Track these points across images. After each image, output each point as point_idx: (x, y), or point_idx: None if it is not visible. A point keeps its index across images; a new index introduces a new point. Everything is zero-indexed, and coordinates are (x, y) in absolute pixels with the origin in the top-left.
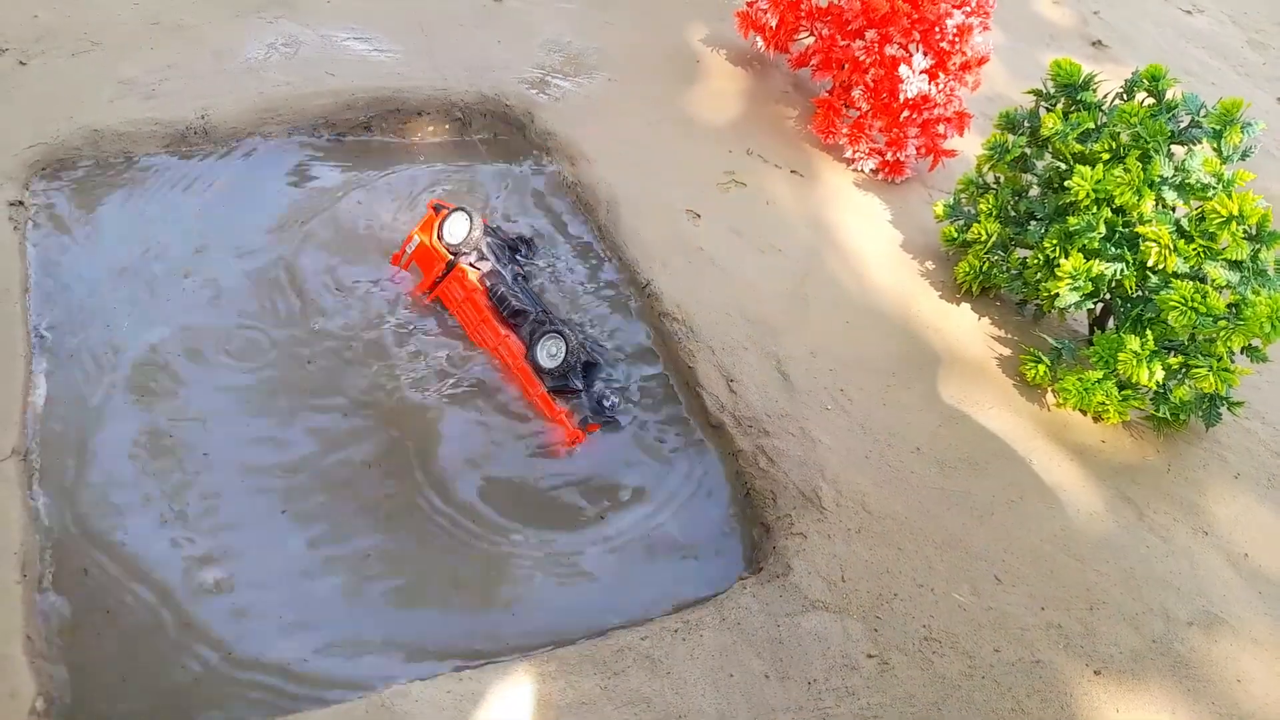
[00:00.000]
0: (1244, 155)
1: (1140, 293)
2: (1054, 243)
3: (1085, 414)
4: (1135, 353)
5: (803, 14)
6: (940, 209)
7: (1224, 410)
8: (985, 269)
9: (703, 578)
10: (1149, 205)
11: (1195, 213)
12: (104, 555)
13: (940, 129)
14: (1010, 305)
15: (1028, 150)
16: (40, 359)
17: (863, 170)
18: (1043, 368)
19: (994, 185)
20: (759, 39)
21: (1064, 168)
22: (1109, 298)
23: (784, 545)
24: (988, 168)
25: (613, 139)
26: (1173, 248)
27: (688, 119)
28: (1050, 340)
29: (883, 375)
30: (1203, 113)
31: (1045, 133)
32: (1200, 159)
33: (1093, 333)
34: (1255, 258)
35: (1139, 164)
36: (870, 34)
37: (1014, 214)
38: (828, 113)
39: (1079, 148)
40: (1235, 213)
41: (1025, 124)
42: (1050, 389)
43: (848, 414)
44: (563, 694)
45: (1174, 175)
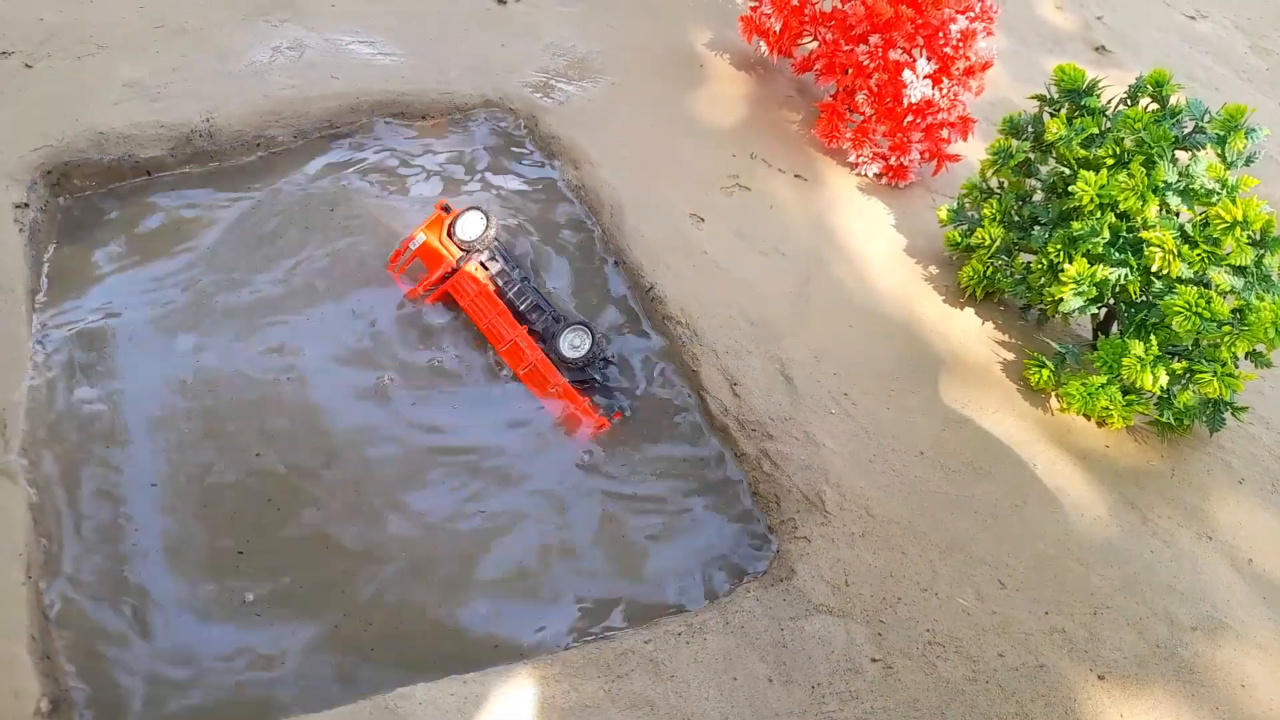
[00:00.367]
0: (1248, 161)
1: (1144, 298)
2: (1058, 247)
3: (1089, 419)
4: (1139, 358)
5: (806, 19)
6: (944, 213)
7: (1228, 415)
8: (989, 273)
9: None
10: (1153, 210)
11: (1199, 218)
12: (108, 557)
13: (944, 134)
14: (1014, 310)
15: (1031, 155)
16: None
17: (866, 174)
18: (1046, 372)
19: (998, 190)
20: (763, 43)
21: (1068, 173)
22: (1113, 303)
23: (788, 549)
24: (991, 172)
25: (616, 142)
26: (1177, 253)
27: (691, 123)
28: (1054, 345)
29: (886, 379)
30: (1207, 118)
31: (1049, 138)
32: (1204, 164)
33: (1096, 338)
34: (1259, 263)
35: (1143, 169)
36: (874, 39)
37: (1018, 219)
38: (831, 117)
39: (1083, 153)
40: (1239, 218)
41: (1029, 129)
42: (1054, 394)
43: (851, 418)
44: (566, 697)
45: (1178, 181)
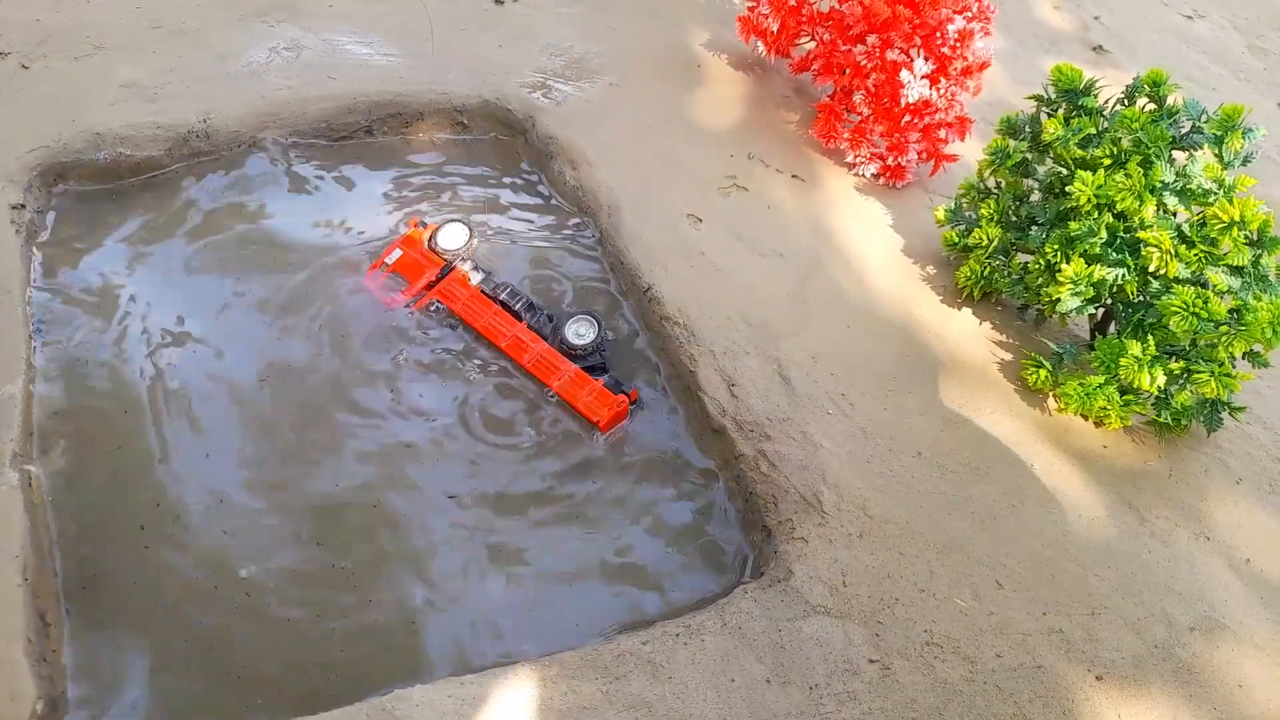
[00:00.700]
0: (1245, 161)
1: (1142, 298)
2: (1055, 248)
3: (1087, 419)
4: (1137, 358)
5: (804, 19)
6: (941, 214)
7: (1225, 415)
8: (986, 274)
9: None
10: (1150, 210)
11: (1197, 218)
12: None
13: (941, 134)
14: (1011, 310)
15: (1029, 155)
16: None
17: (864, 175)
18: (1044, 373)
19: (995, 190)
20: (760, 44)
21: (1065, 173)
22: (1110, 303)
23: (785, 550)
24: (989, 172)
25: (614, 143)
26: (1174, 253)
27: (689, 123)
28: (1051, 345)
29: (884, 379)
30: (1204, 118)
31: (1046, 138)
32: (1201, 164)
33: (1094, 338)
34: (1256, 263)
35: (1140, 169)
36: (871, 39)
37: (1015, 219)
38: (829, 117)
39: (1080, 153)
40: (1236, 218)
41: (1026, 129)
42: (1051, 394)
43: (849, 418)
44: (564, 698)
45: (1175, 181)
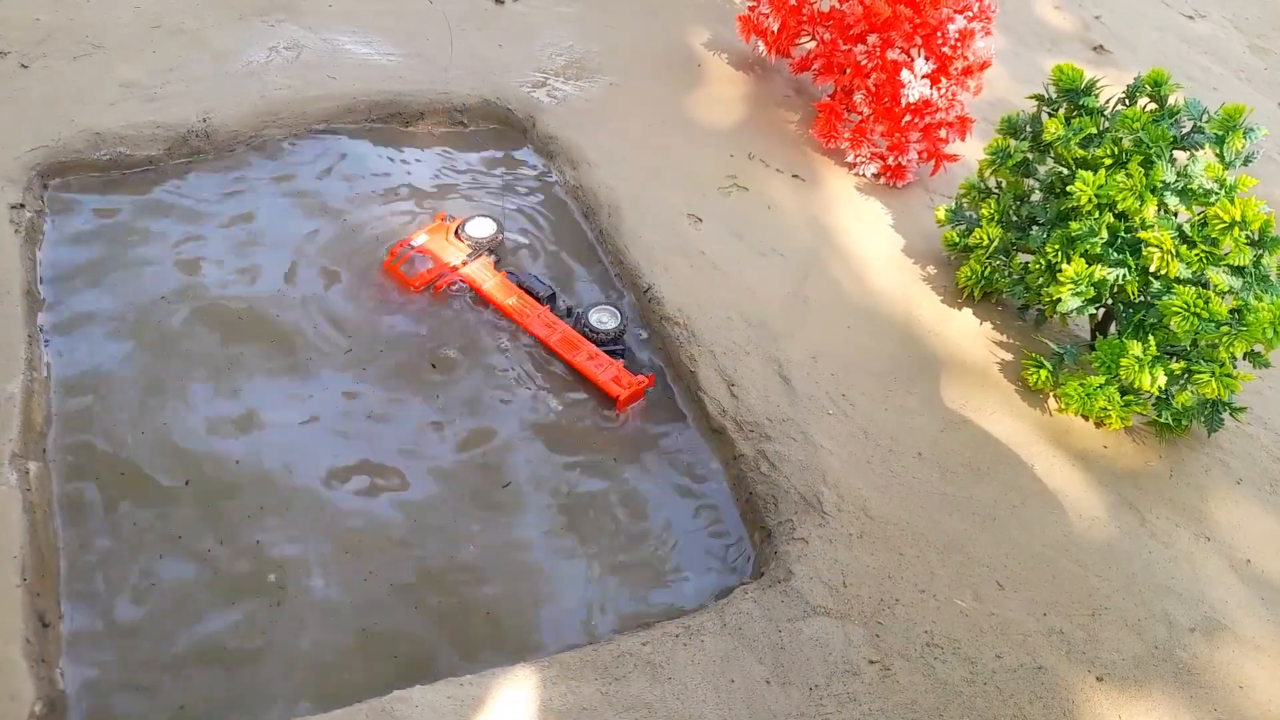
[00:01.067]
0: (1246, 161)
1: (1142, 298)
2: (1056, 248)
3: (1087, 419)
4: (1137, 358)
5: (804, 18)
6: (942, 213)
7: (1226, 416)
8: (987, 274)
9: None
10: (1151, 211)
11: (1198, 218)
12: (106, 557)
13: (942, 133)
14: (1012, 310)
15: (1030, 155)
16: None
17: (864, 174)
18: (1044, 373)
19: (996, 190)
20: (760, 43)
21: (1066, 173)
22: (1111, 303)
23: (785, 550)
24: (989, 172)
25: (614, 142)
26: (1175, 253)
27: (689, 123)
28: (1052, 345)
29: (884, 380)
30: (1205, 118)
31: (1047, 138)
32: (1202, 164)
33: (1095, 338)
34: (1258, 263)
35: (1141, 169)
36: (872, 38)
37: (1016, 219)
38: (829, 117)
39: (1081, 153)
40: (1238, 218)
41: (1027, 129)
42: (1052, 394)
43: (849, 418)
44: (564, 699)
45: (1176, 181)
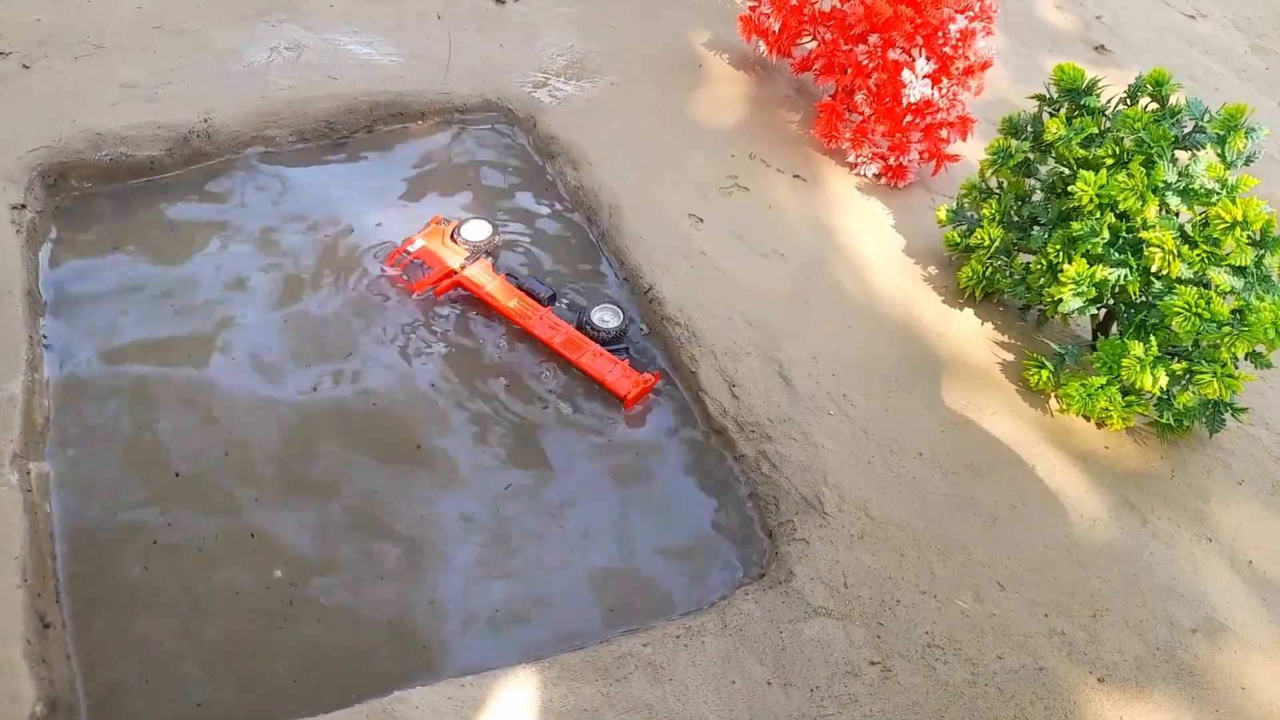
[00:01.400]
0: (1248, 161)
1: (1144, 298)
2: (1057, 248)
3: (1089, 420)
4: (1139, 358)
5: (805, 18)
6: (943, 214)
7: (1228, 416)
8: (988, 274)
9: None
10: (1153, 211)
11: (1199, 218)
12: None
13: (943, 133)
14: (1013, 310)
15: (1031, 155)
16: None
17: (865, 175)
18: (1046, 373)
19: (997, 190)
20: (761, 43)
21: (1067, 173)
22: (1112, 303)
23: (786, 551)
24: (991, 172)
25: (615, 143)
26: (1176, 253)
27: (690, 123)
28: (1053, 346)
29: (885, 380)
30: (1206, 118)
31: (1048, 138)
32: (1204, 164)
33: (1096, 338)
34: (1259, 263)
35: (1142, 169)
36: (873, 38)
37: (1017, 219)
38: (830, 117)
39: (1082, 153)
40: (1239, 218)
41: (1028, 129)
42: (1053, 395)
43: (850, 419)
44: (564, 700)
45: (1178, 181)
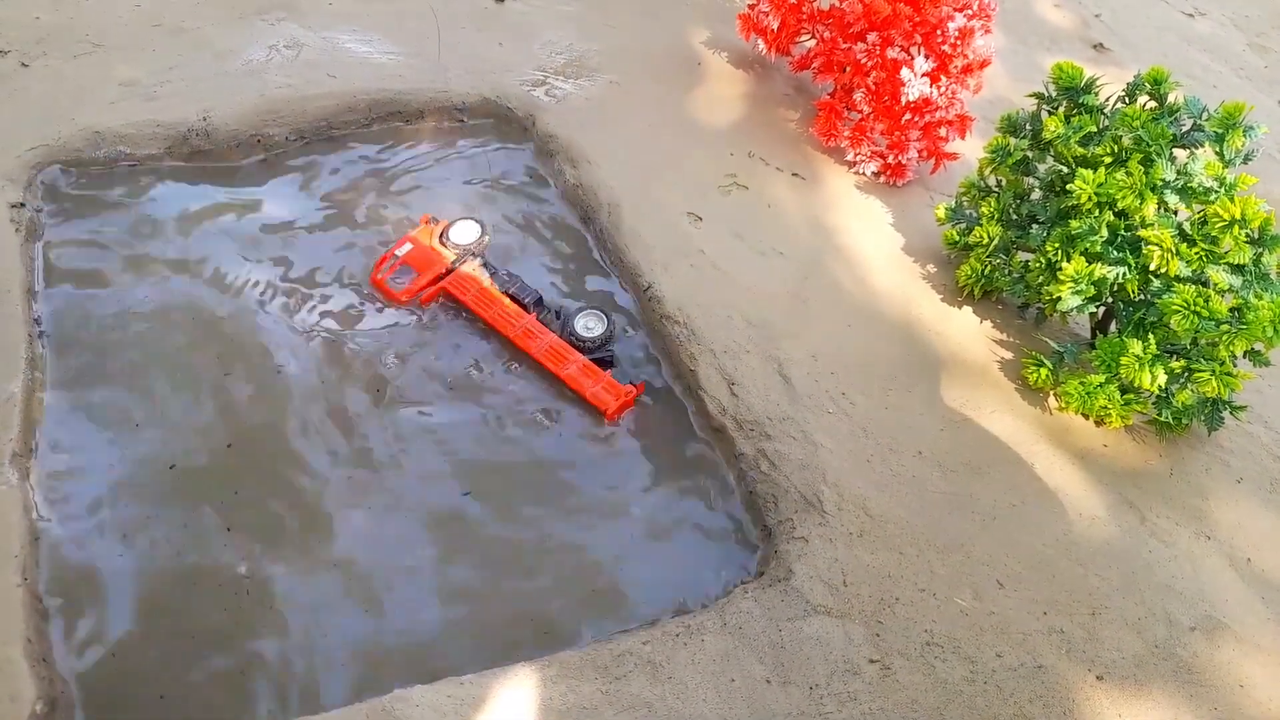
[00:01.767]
0: (1246, 159)
1: (1142, 296)
2: (1056, 246)
3: (1087, 418)
4: (1137, 357)
5: (804, 17)
6: (942, 212)
7: (1226, 414)
8: (987, 272)
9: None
10: (1151, 209)
11: (1197, 216)
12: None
13: (942, 132)
14: (1012, 309)
15: (1030, 153)
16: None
17: (864, 173)
18: (1045, 371)
19: (996, 188)
20: (760, 41)
21: (1066, 171)
22: (1111, 301)
23: (785, 549)
24: (989, 171)
25: (614, 141)
26: (1175, 251)
27: (689, 121)
28: (1052, 344)
29: (884, 379)
30: (1205, 116)
31: (1047, 136)
32: (1202, 163)
33: (1095, 336)
34: (1258, 262)
35: (1141, 167)
36: (872, 37)
37: (1016, 217)
38: (829, 115)
39: (1081, 151)
40: (1238, 216)
41: (1027, 127)
42: (1052, 393)
43: (849, 417)
44: (564, 698)
45: (1176, 179)
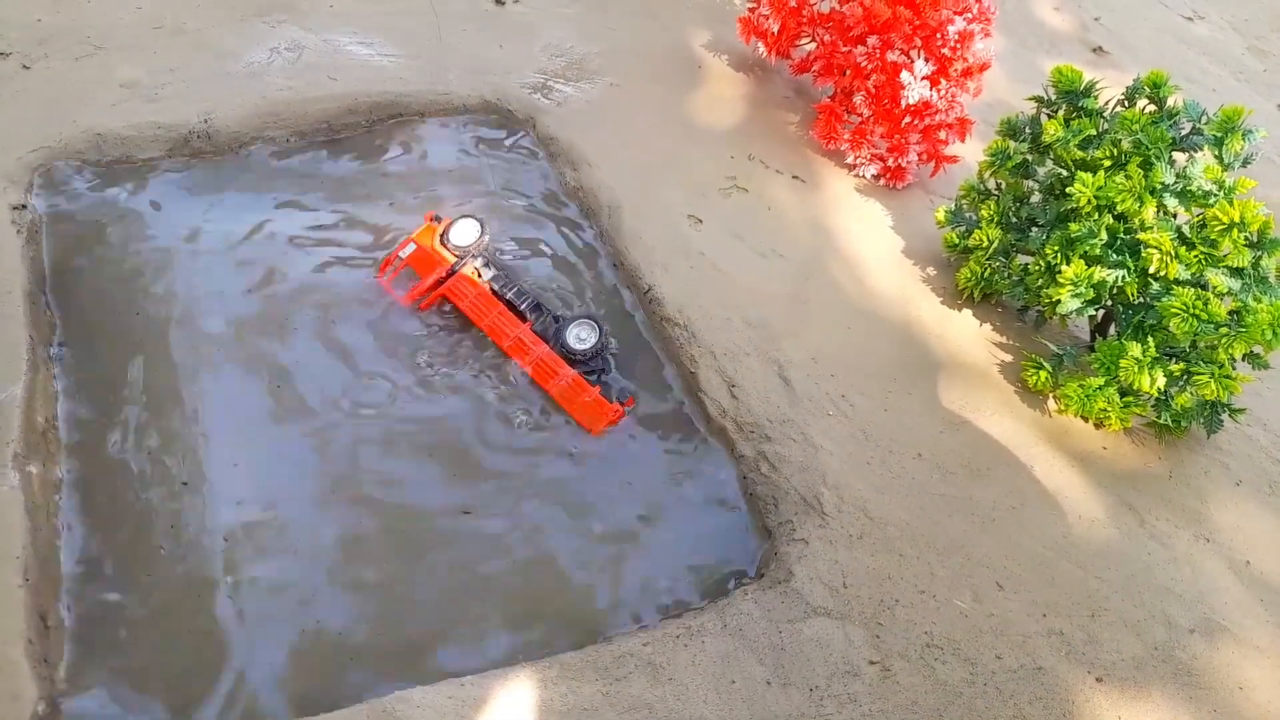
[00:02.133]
0: (1245, 162)
1: (1142, 299)
2: (1055, 249)
3: (1087, 421)
4: (1137, 359)
5: (804, 20)
6: (942, 215)
7: (1225, 417)
8: (987, 275)
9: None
10: (1150, 212)
11: (1197, 220)
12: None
13: (942, 135)
14: (1012, 311)
15: (1029, 156)
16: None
17: (864, 176)
18: (1044, 374)
19: (995, 191)
20: (761, 44)
21: (1065, 174)
22: (1110, 304)
23: (786, 551)
24: (989, 174)
25: (615, 143)
26: (1174, 255)
27: (689, 124)
28: (1052, 347)
29: (884, 381)
30: (1204, 120)
31: (1047, 139)
32: (1201, 166)
33: (1094, 339)
34: (1256, 265)
35: (1140, 171)
36: (872, 40)
37: (1015, 220)
38: (829, 118)
39: (1080, 154)
40: (1236, 220)
41: (1027, 130)
42: (1052, 395)
43: (849, 419)
44: (564, 700)
45: (1175, 182)
